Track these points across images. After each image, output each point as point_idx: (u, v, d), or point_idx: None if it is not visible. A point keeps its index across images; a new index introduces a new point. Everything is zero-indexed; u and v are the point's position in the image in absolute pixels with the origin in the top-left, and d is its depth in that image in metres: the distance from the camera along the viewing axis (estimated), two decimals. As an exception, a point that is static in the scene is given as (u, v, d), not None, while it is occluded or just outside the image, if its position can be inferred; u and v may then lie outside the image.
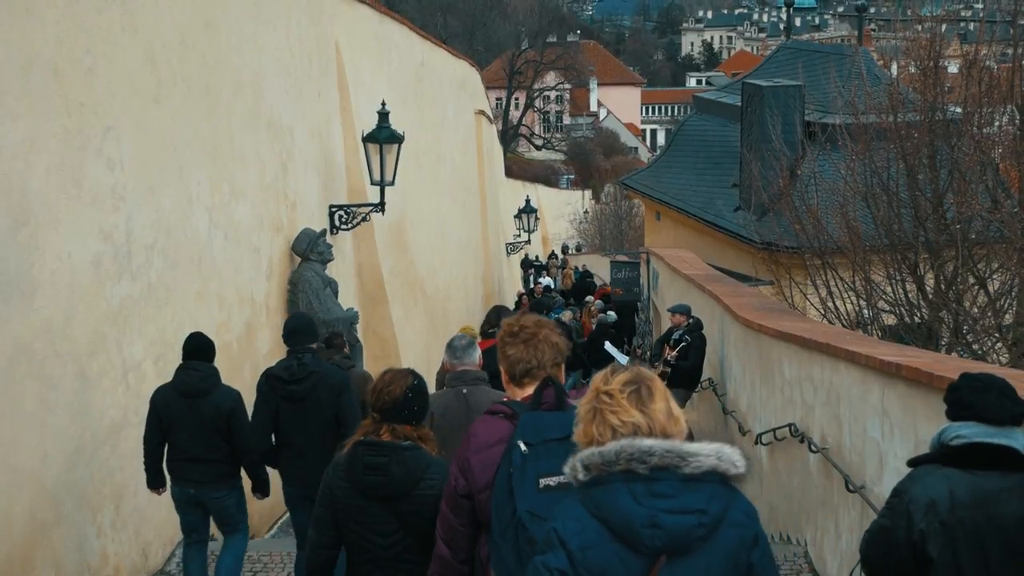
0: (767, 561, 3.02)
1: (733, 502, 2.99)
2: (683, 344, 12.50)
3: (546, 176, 70.15)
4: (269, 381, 6.97)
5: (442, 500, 3.88)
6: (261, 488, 7.18)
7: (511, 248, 33.84)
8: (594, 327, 20.55)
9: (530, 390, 3.81)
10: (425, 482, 4.27)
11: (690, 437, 3.01)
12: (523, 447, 3.46)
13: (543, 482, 3.46)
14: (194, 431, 6.77)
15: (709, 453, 2.94)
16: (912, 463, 3.98)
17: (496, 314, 8.83)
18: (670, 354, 12.46)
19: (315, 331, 7.39)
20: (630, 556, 2.87)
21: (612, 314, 20.96)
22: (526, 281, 35.55)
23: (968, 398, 3.84)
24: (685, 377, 12.57)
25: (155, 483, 6.98)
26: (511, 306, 25.06)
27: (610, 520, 2.88)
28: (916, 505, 3.74)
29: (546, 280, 30.85)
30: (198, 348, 6.94)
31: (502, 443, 3.64)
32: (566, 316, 20.48)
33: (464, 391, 6.02)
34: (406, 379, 4.41)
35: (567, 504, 2.98)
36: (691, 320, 12.80)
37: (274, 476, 9.27)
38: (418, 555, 4.26)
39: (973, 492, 3.70)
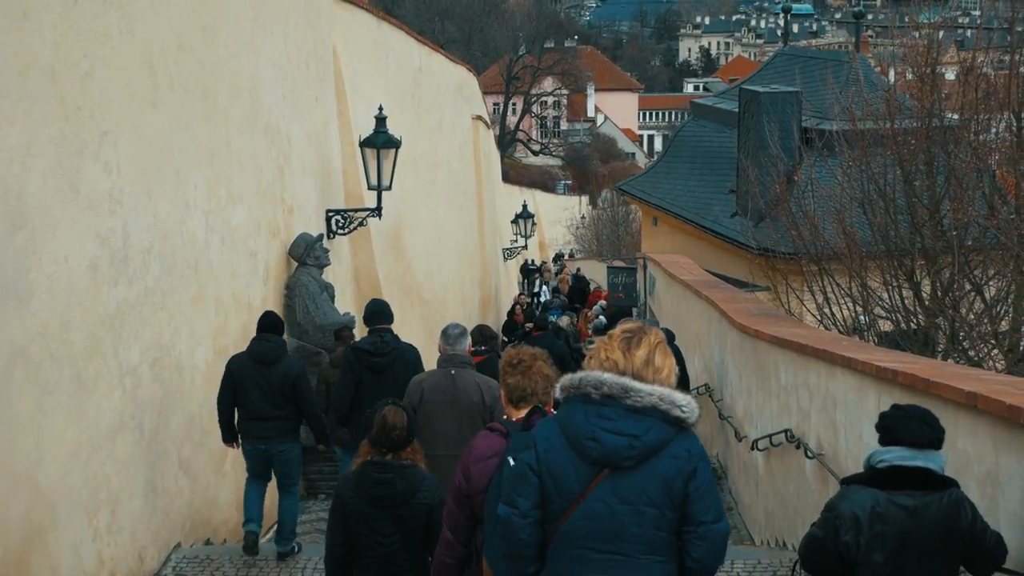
0: (702, 493, 3.65)
1: (679, 439, 3.67)
2: None
3: (543, 181, 70.17)
4: (356, 353, 8.35)
5: (448, 497, 4.63)
6: (324, 440, 8.47)
7: (508, 253, 33.83)
8: (591, 332, 20.57)
9: (525, 412, 4.60)
10: (420, 494, 5.21)
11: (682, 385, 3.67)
12: (512, 462, 3.93)
13: None
14: (264, 393, 7.94)
15: (651, 392, 3.66)
16: (844, 482, 4.53)
17: (479, 333, 9.74)
18: None
19: (391, 313, 8.70)
20: (580, 463, 3.66)
21: (602, 318, 21.00)
22: (531, 285, 35.61)
23: (892, 425, 4.38)
24: None
25: (228, 437, 8.18)
26: (507, 309, 25.09)
27: (566, 430, 3.69)
28: (842, 520, 4.27)
29: (545, 291, 30.90)
30: (270, 324, 8.22)
31: (496, 456, 4.34)
32: (563, 321, 20.48)
33: (452, 372, 7.14)
34: (403, 417, 5.27)
35: (549, 417, 3.93)
36: None
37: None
38: (411, 552, 5.25)
39: (893, 509, 4.22)
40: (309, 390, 8.23)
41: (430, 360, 9.02)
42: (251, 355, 8.05)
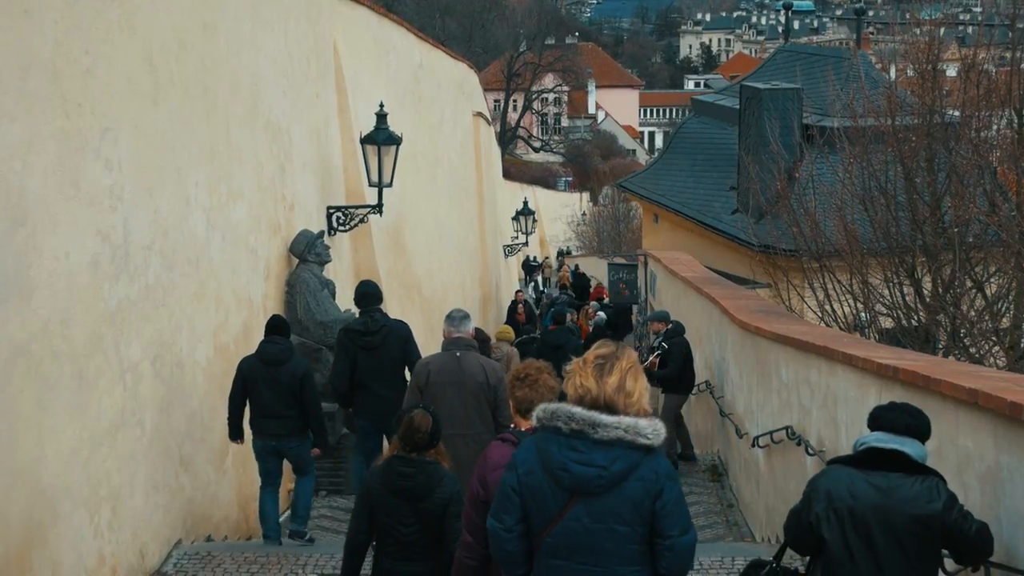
0: (668, 511, 3.93)
1: (646, 462, 3.92)
2: (659, 352, 12.46)
3: (544, 178, 70.16)
4: (348, 335, 8.82)
5: (467, 503, 4.91)
6: (322, 444, 8.67)
7: (509, 250, 33.84)
8: (591, 329, 20.59)
9: (533, 421, 4.76)
10: (440, 488, 5.61)
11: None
12: None
13: None
14: (274, 393, 8.27)
15: (618, 426, 3.90)
16: (829, 463, 4.85)
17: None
18: (650, 360, 12.44)
19: (380, 293, 9.23)
20: (555, 488, 3.95)
21: (602, 314, 21.04)
22: (535, 283, 35.64)
23: (877, 413, 4.73)
24: (669, 384, 12.49)
25: (235, 435, 8.50)
26: (507, 306, 25.10)
27: (543, 458, 3.98)
28: (817, 494, 4.61)
29: (553, 291, 31.05)
30: (277, 326, 8.58)
31: None
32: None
33: (458, 354, 7.52)
34: (428, 421, 5.70)
35: (527, 441, 4.17)
36: (669, 326, 12.76)
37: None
38: (429, 542, 5.64)
39: (864, 486, 4.51)
40: (314, 390, 8.47)
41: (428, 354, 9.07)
42: (260, 357, 8.39)
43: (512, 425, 5.17)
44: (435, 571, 5.64)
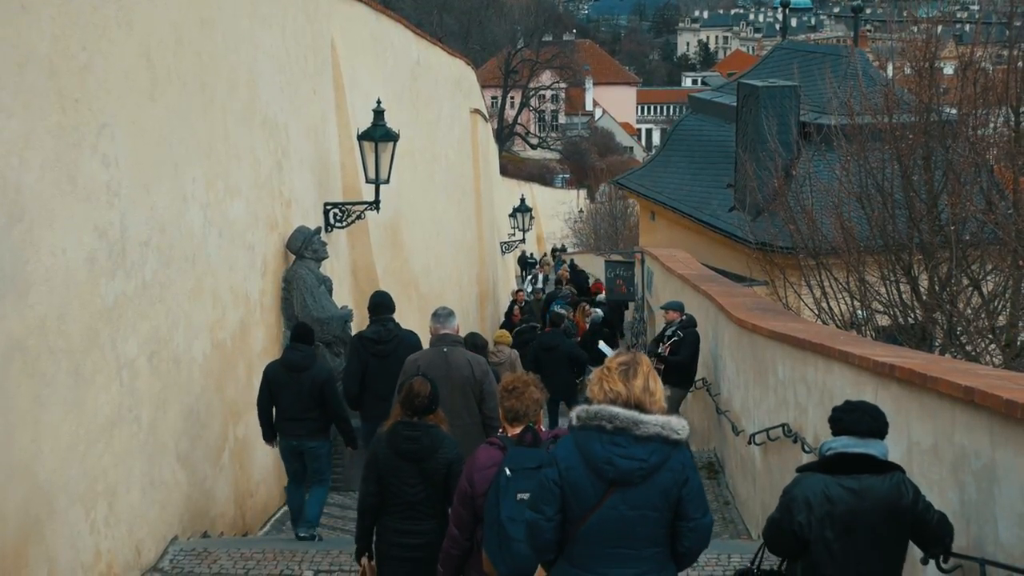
0: (692, 496, 4.43)
1: (675, 455, 4.40)
2: (674, 339, 12.50)
3: (541, 175, 70.08)
4: (362, 341, 9.20)
5: (455, 499, 5.49)
6: (351, 442, 9.06)
7: (506, 247, 33.82)
8: (588, 326, 20.57)
9: (519, 429, 5.40)
10: (442, 450, 6.04)
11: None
12: (508, 472, 5.02)
13: (519, 496, 4.93)
14: (295, 397, 8.67)
15: (655, 423, 4.36)
16: (798, 470, 5.10)
17: (471, 342, 10.41)
18: (662, 347, 12.48)
19: (393, 304, 9.51)
20: (595, 480, 4.37)
21: (599, 311, 21.04)
22: (533, 279, 35.56)
23: (839, 416, 4.96)
24: (676, 375, 12.53)
25: (268, 436, 8.96)
26: (505, 305, 25.07)
27: (585, 454, 4.39)
28: (796, 503, 4.83)
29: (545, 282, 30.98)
30: (301, 334, 9.00)
31: (495, 466, 5.21)
32: (561, 316, 20.41)
33: (445, 350, 7.93)
34: (427, 387, 6.12)
35: (565, 438, 4.56)
36: (684, 316, 12.80)
37: (267, 473, 9.29)
38: (433, 501, 6.07)
39: (839, 491, 4.76)
40: (336, 393, 8.89)
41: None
42: (284, 363, 8.82)
43: (501, 431, 5.63)
44: (437, 529, 6.01)
